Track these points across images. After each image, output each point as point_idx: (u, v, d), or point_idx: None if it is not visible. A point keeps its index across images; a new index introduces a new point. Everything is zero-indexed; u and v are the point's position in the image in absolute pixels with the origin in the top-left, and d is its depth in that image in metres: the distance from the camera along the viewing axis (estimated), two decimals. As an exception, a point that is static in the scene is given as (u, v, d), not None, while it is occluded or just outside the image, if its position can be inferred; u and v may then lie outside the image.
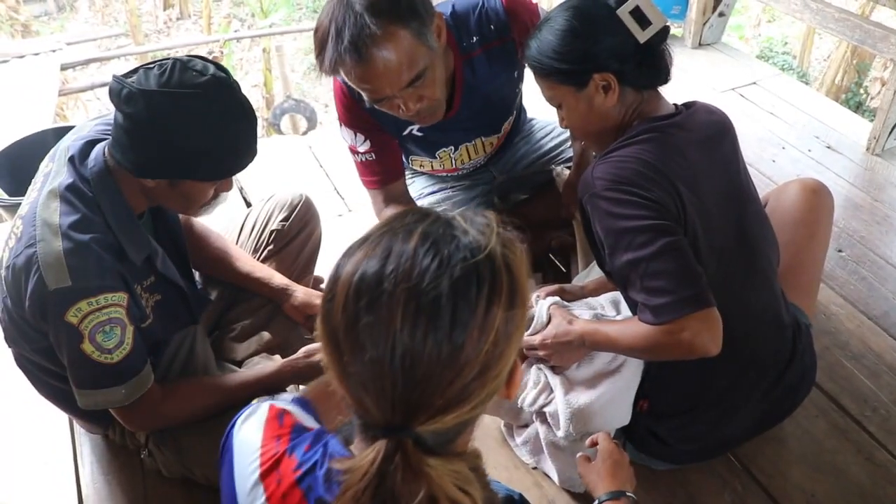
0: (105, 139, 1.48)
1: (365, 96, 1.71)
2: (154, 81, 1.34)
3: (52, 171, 1.47)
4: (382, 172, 2.00)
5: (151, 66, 1.37)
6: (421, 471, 0.72)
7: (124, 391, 1.45)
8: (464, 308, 0.73)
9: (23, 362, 1.61)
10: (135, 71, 1.38)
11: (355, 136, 1.94)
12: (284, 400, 0.99)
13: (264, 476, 0.85)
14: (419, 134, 1.97)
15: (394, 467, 0.72)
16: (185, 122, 1.35)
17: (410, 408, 0.73)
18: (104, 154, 1.45)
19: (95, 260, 1.38)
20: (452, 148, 2.09)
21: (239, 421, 0.94)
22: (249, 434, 0.91)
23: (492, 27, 1.82)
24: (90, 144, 1.48)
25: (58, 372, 1.54)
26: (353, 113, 1.89)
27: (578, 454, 1.43)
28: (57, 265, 1.35)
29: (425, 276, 0.73)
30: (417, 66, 1.61)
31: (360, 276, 0.75)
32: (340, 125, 1.96)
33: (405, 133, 1.97)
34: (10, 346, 1.60)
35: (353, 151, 1.99)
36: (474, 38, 1.82)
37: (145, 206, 1.55)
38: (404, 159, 2.13)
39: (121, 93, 1.34)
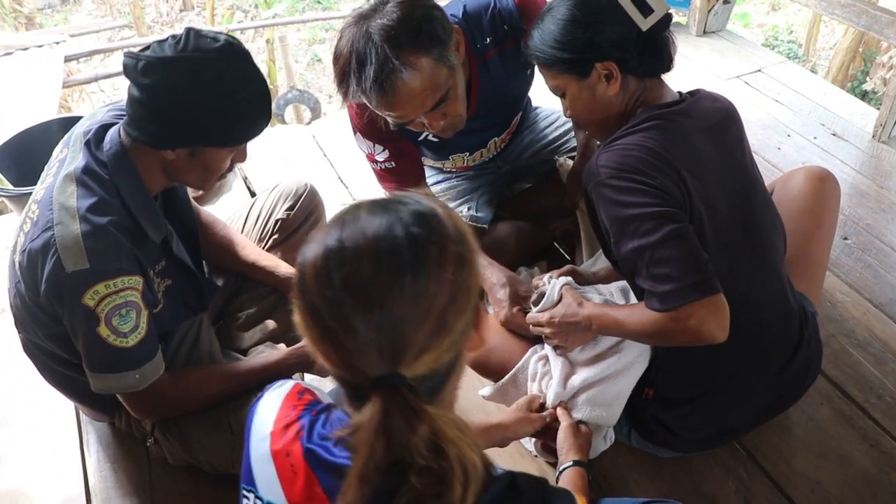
0: (118, 123, 1.48)
1: (389, 121, 1.70)
2: (170, 50, 1.35)
3: (68, 157, 1.48)
4: (401, 180, 1.98)
5: (164, 39, 1.39)
6: (422, 412, 0.78)
7: (138, 376, 1.45)
8: (422, 248, 0.82)
9: (31, 348, 1.61)
10: (147, 47, 1.39)
11: (373, 146, 1.91)
12: (315, 387, 1.04)
13: (274, 435, 0.92)
14: (434, 140, 1.94)
15: (396, 414, 0.77)
16: (204, 86, 1.35)
17: (396, 349, 0.79)
18: (119, 135, 1.46)
19: (113, 243, 1.39)
20: (468, 153, 2.08)
21: (266, 392, 1.01)
22: (270, 402, 0.98)
23: (505, 27, 1.80)
24: (104, 129, 1.49)
25: (67, 359, 1.54)
26: (370, 124, 1.85)
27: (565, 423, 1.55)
28: (75, 248, 1.35)
29: (381, 232, 0.81)
30: (441, 90, 1.61)
31: (324, 252, 0.82)
32: (355, 133, 1.93)
33: (420, 139, 1.95)
34: (19, 332, 1.61)
35: (371, 160, 1.96)
36: (488, 40, 1.81)
37: (161, 186, 1.55)
38: None
39: (137, 66, 1.35)
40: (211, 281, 1.79)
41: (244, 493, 0.96)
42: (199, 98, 1.36)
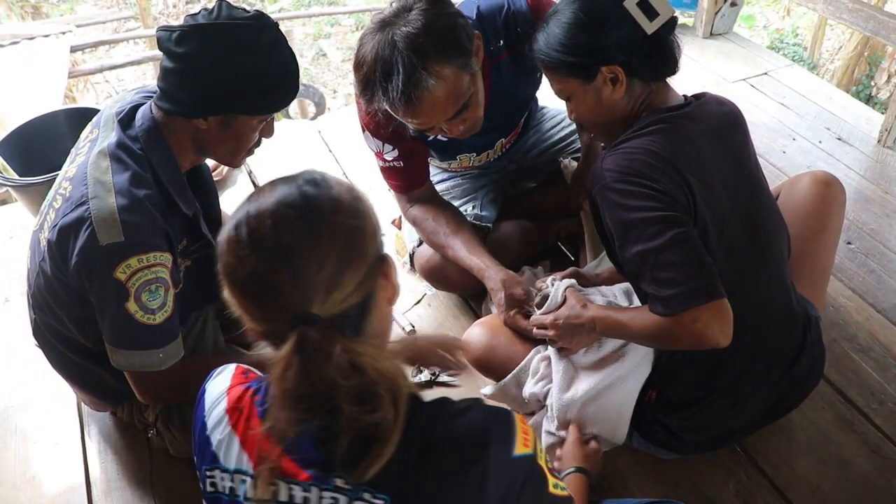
0: (149, 102, 1.51)
1: (410, 128, 1.70)
2: (204, 19, 1.39)
3: (99, 136, 1.49)
4: (409, 179, 1.98)
5: (196, 12, 1.42)
6: (337, 340, 0.84)
7: (161, 355, 1.46)
8: (314, 200, 0.91)
9: (44, 332, 1.61)
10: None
11: (382, 145, 1.91)
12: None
13: (230, 412, 0.99)
14: (443, 140, 1.94)
15: (310, 345, 0.84)
16: (239, 50, 1.39)
17: (303, 291, 0.86)
18: (151, 111, 1.49)
19: (149, 217, 1.41)
20: (475, 153, 2.08)
21: (211, 378, 1.08)
22: (219, 382, 1.04)
23: (518, 29, 1.79)
24: (136, 109, 1.51)
25: (82, 344, 1.55)
26: (381, 124, 1.83)
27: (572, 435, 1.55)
28: (111, 220, 1.37)
29: (279, 196, 0.91)
30: (464, 97, 1.61)
31: (235, 223, 0.91)
32: (364, 131, 1.91)
33: (430, 139, 1.94)
34: (35, 314, 1.61)
35: (380, 157, 1.96)
36: (501, 42, 1.80)
37: (190, 162, 1.57)
38: None
39: (171, 37, 1.38)
40: None
41: (207, 474, 0.99)
42: (234, 62, 1.39)
